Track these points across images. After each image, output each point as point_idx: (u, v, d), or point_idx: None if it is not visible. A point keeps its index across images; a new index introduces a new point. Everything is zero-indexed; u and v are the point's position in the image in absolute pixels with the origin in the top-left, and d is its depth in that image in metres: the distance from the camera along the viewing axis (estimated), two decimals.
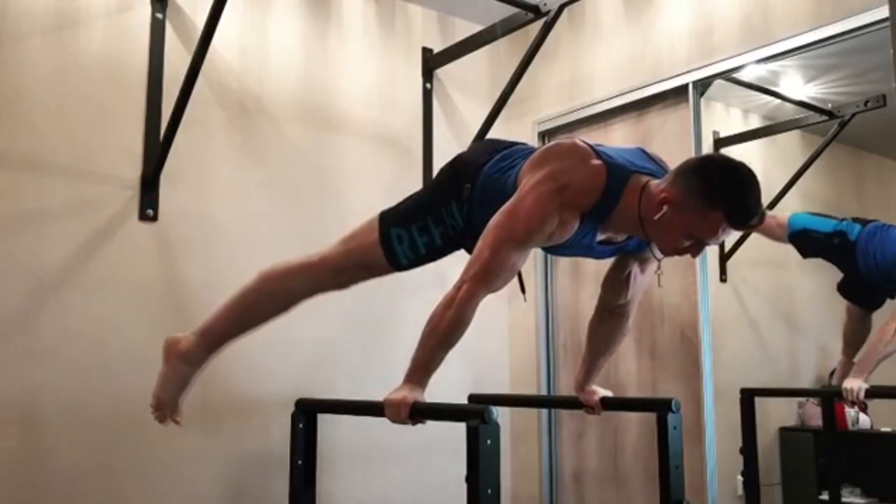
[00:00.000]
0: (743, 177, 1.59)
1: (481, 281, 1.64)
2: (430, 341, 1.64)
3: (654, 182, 1.65)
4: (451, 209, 1.85)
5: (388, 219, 1.91)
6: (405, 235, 1.88)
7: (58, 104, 2.31)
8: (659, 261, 1.80)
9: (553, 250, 1.86)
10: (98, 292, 2.30)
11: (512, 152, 1.85)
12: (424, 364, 1.64)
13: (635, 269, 1.91)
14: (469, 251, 1.88)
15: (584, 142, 1.72)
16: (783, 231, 2.67)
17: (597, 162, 1.65)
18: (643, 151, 1.79)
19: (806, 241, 2.64)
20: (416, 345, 1.66)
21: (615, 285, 1.94)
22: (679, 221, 1.59)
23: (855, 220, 2.54)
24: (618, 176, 1.65)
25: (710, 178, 1.58)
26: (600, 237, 1.74)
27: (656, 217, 1.59)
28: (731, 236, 1.63)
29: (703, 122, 2.65)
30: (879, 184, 2.82)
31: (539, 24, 2.67)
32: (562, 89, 3.14)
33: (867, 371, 2.38)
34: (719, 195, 1.55)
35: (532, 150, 1.82)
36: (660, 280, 1.82)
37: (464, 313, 1.63)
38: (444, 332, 1.63)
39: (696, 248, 1.63)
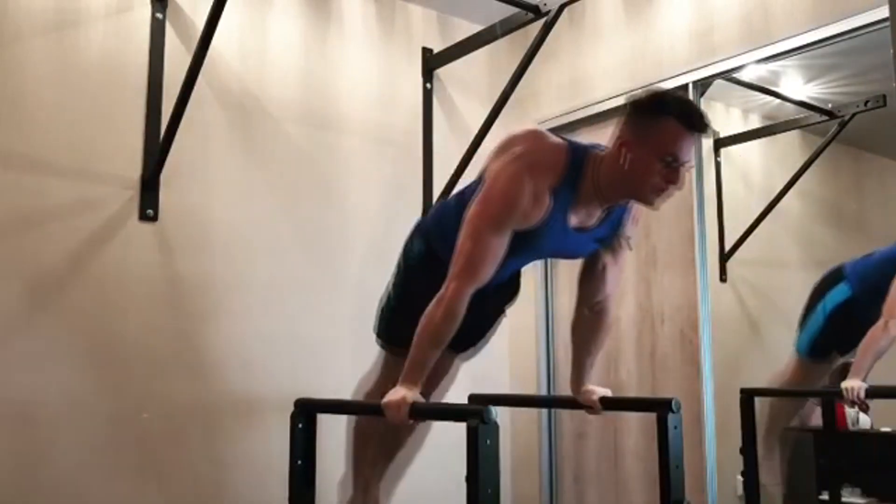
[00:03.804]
0: (672, 92, 1.77)
1: (467, 273, 1.67)
2: (423, 340, 1.67)
3: (604, 151, 1.73)
4: (413, 245, 2.00)
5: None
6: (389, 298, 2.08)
7: (58, 104, 2.31)
8: (627, 239, 1.87)
9: (533, 246, 1.84)
10: (98, 292, 2.30)
11: (464, 188, 1.96)
12: (419, 363, 1.67)
13: (609, 259, 1.93)
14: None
15: (537, 127, 1.84)
16: (802, 371, 2.64)
17: (556, 140, 1.76)
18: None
19: (824, 346, 2.59)
20: (411, 345, 1.67)
21: (591, 280, 1.97)
22: (643, 153, 1.64)
23: (826, 284, 2.54)
24: (578, 151, 1.74)
25: (646, 104, 1.68)
26: (574, 221, 1.76)
27: (623, 163, 1.65)
28: (690, 147, 1.66)
29: None
30: (879, 184, 2.82)
31: (539, 24, 2.67)
32: (562, 89, 3.14)
33: (865, 370, 2.38)
34: (663, 107, 1.65)
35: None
36: (629, 243, 1.88)
37: (453, 309, 1.66)
38: (435, 330, 1.66)
39: (674, 172, 1.65)
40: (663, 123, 1.63)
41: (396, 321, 2.03)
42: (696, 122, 1.65)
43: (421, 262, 1.97)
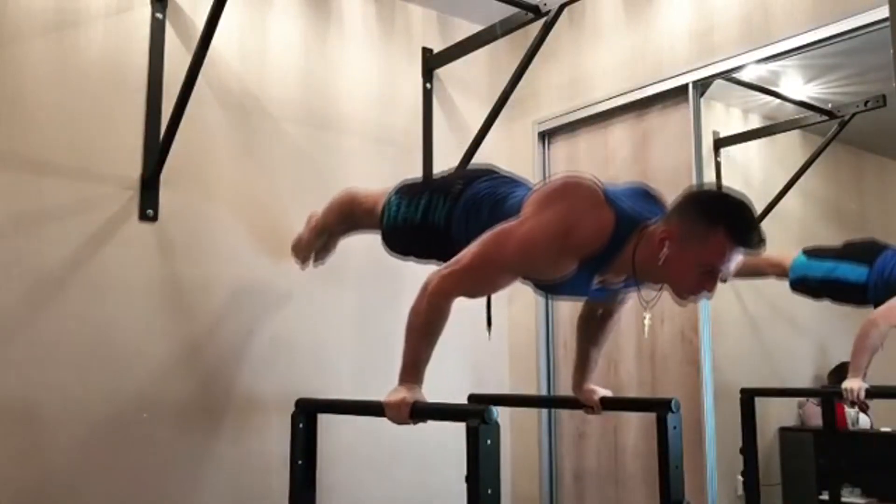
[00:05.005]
0: (734, 198, 1.62)
1: (453, 280, 1.65)
2: (412, 336, 1.66)
3: (651, 226, 1.64)
4: (439, 202, 1.92)
5: (400, 187, 2.09)
6: (400, 203, 2.01)
7: (58, 104, 2.31)
8: (644, 307, 1.77)
9: (544, 290, 1.83)
10: (98, 292, 2.30)
11: (513, 181, 1.92)
12: (413, 361, 1.66)
13: (613, 307, 1.96)
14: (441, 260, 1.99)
15: (597, 183, 1.69)
16: (775, 270, 2.66)
17: (607, 210, 1.63)
18: (646, 190, 1.77)
19: (805, 289, 2.61)
20: (403, 344, 1.68)
21: (590, 317, 2.02)
22: (685, 255, 1.57)
23: (854, 254, 2.52)
24: (625, 226, 1.63)
25: (703, 203, 1.62)
26: (596, 281, 1.72)
27: (661, 257, 1.57)
28: (738, 262, 1.57)
29: (703, 122, 2.65)
30: (879, 184, 2.82)
31: (539, 24, 2.67)
32: (562, 89, 3.14)
33: (862, 369, 2.38)
34: (717, 215, 1.56)
35: (531, 188, 1.83)
36: (647, 331, 1.86)
37: (435, 303, 1.64)
38: (421, 325, 1.65)
39: (710, 279, 1.58)
40: (713, 233, 1.54)
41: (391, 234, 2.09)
42: (750, 242, 1.55)
43: (433, 230, 1.93)
